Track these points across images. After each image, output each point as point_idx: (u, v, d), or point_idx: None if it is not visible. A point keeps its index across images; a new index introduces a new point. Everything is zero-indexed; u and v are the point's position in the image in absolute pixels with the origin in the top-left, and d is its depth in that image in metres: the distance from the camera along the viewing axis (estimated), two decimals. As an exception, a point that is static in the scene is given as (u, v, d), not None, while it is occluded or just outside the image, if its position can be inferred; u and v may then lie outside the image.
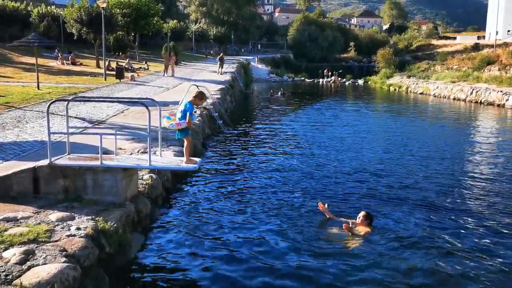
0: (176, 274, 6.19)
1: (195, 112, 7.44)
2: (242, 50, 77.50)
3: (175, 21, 60.54)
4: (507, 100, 27.92)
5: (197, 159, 7.59)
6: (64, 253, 5.19)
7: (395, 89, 42.19)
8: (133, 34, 42.54)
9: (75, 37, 33.59)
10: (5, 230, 5.63)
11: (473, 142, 16.85)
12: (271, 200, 9.22)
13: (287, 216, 8.30)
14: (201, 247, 6.93)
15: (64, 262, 4.99)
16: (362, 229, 7.53)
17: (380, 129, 19.56)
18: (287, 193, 9.75)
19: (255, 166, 12.13)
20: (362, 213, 7.73)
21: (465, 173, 11.90)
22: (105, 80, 24.78)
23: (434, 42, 73.91)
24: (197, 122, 14.36)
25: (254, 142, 15.58)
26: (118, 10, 36.75)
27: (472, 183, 10.94)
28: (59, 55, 33.50)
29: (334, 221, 7.94)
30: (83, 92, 19.39)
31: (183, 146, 7.44)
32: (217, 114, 17.55)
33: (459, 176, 11.58)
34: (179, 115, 7.12)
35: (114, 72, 26.37)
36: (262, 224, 7.93)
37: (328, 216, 8.11)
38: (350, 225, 7.34)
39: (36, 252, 5.14)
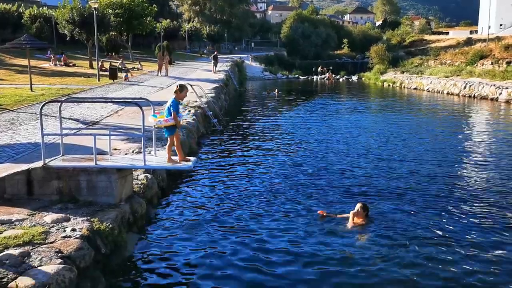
0: (172, 273, 6.19)
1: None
2: (236, 48, 77.37)
3: (168, 20, 60.32)
4: (500, 93, 28.08)
5: (192, 158, 7.59)
6: (59, 254, 5.18)
7: (388, 85, 42.33)
8: (126, 34, 42.37)
9: (68, 38, 33.38)
10: (0, 233, 5.61)
11: (468, 136, 16.92)
12: (267, 198, 9.23)
13: (283, 213, 8.33)
14: (197, 247, 6.93)
15: (60, 263, 4.98)
16: (359, 222, 7.62)
17: (374, 125, 19.61)
18: (283, 190, 9.76)
19: (251, 164, 12.13)
20: (359, 204, 7.86)
21: (460, 167, 11.97)
22: (99, 80, 24.67)
23: (427, 37, 74.08)
24: (192, 121, 14.35)
25: (249, 140, 15.59)
26: (111, 10, 36.56)
27: (467, 176, 11.02)
28: (52, 57, 33.30)
29: (333, 218, 8.03)
30: (77, 93, 19.31)
31: (172, 145, 7.43)
32: (211, 113, 17.52)
33: (455, 170, 11.64)
34: (165, 113, 7.11)
35: (107, 73, 26.26)
36: (258, 222, 7.94)
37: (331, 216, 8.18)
38: (325, 214, 7.84)
39: (31, 254, 5.13)
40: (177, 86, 7.25)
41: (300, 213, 8.34)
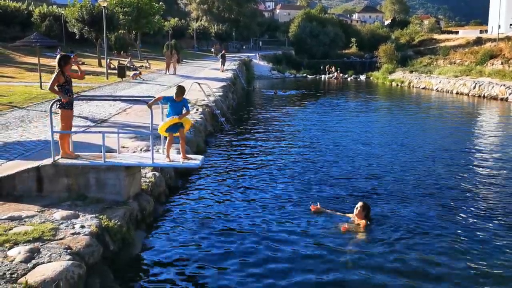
0: (179, 271, 6.22)
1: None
2: (244, 47, 77.33)
3: (176, 19, 60.48)
4: (510, 93, 27.84)
5: (200, 157, 7.62)
6: (69, 251, 5.23)
7: (397, 85, 42.09)
8: (134, 33, 42.58)
9: (77, 36, 33.63)
10: (10, 229, 5.68)
11: (478, 137, 16.81)
12: (274, 197, 9.24)
13: (290, 213, 8.33)
14: (204, 244, 6.96)
15: (69, 259, 5.02)
16: (359, 222, 7.58)
17: (382, 125, 19.53)
18: (290, 189, 9.76)
19: (258, 163, 12.14)
20: (359, 204, 7.79)
21: (467, 167, 11.88)
22: (107, 79, 24.81)
23: (436, 36, 73.42)
24: (200, 119, 14.39)
25: (256, 140, 15.59)
26: (119, 9, 36.76)
27: (474, 177, 10.93)
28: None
29: (333, 216, 8.03)
30: (86, 91, 19.43)
31: (172, 142, 7.51)
32: (219, 111, 17.55)
33: (462, 170, 11.55)
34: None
35: (116, 71, 26.42)
36: (264, 220, 7.95)
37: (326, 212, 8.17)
38: (347, 226, 7.41)
39: (41, 250, 5.18)
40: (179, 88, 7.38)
41: (306, 212, 8.32)
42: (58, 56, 7.32)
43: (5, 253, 5.07)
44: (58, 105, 7.08)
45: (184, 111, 7.30)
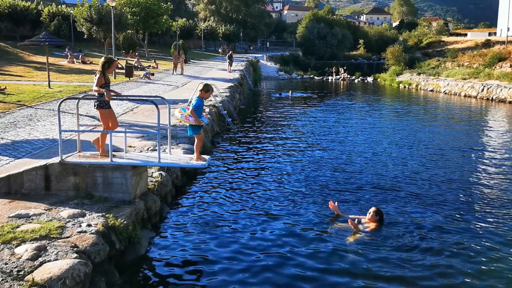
0: (185, 270, 6.23)
1: (204, 112, 7.50)
2: (251, 48, 77.45)
3: (184, 19, 60.69)
4: (518, 97, 27.62)
5: (206, 157, 7.62)
6: (75, 249, 5.25)
7: (404, 87, 41.93)
8: (142, 33, 42.79)
9: (85, 36, 33.88)
10: (17, 227, 5.71)
11: (487, 140, 16.67)
12: (281, 197, 9.23)
13: (297, 213, 8.32)
14: (210, 244, 6.96)
15: (75, 258, 5.04)
16: (370, 225, 7.54)
17: (390, 127, 19.43)
18: (297, 190, 9.74)
19: (265, 163, 12.14)
20: (372, 209, 7.74)
21: (476, 171, 11.79)
22: (115, 78, 24.92)
23: (445, 38, 73.04)
24: (207, 120, 14.41)
25: (263, 140, 15.59)
26: (128, 9, 36.97)
27: (483, 182, 10.84)
28: (69, 55, 33.76)
29: (344, 219, 7.97)
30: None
31: (193, 144, 7.52)
32: (226, 112, 17.57)
33: (470, 174, 11.48)
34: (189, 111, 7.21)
35: (123, 71, 26.54)
36: (271, 221, 7.94)
37: (338, 214, 8.13)
38: (356, 222, 7.36)
39: (48, 248, 5.21)
40: (203, 86, 7.31)
41: (313, 214, 8.31)
42: (103, 59, 7.39)
43: (12, 250, 5.10)
44: (102, 106, 7.17)
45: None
